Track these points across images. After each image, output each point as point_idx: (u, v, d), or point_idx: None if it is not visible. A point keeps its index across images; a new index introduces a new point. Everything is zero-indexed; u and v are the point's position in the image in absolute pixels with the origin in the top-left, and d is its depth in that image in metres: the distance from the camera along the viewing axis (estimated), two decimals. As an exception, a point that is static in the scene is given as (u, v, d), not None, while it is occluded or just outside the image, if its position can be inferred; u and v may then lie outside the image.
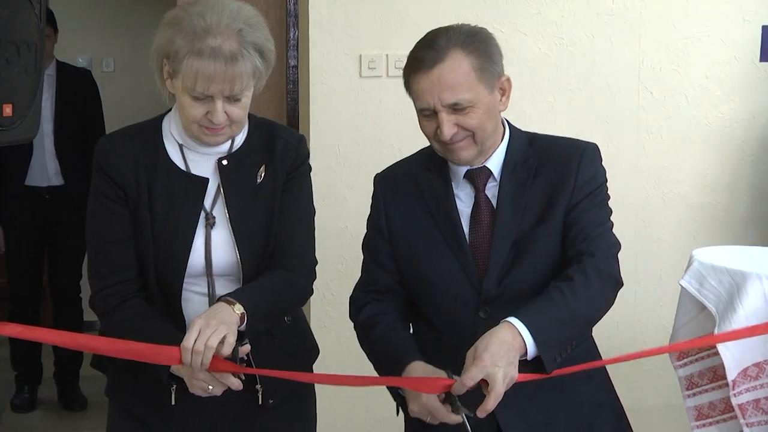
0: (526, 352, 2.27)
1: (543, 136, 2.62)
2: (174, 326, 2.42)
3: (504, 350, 2.22)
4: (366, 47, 4.27)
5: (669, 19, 4.48)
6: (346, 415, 4.33)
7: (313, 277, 2.64)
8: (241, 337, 2.33)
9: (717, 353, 2.34)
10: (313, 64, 4.25)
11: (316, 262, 2.66)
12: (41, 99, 2.87)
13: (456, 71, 2.39)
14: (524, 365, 2.30)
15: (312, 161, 4.26)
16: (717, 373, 2.44)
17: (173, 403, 2.44)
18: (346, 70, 4.27)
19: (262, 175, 2.53)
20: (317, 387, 2.74)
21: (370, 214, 2.69)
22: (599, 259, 2.40)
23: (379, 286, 2.64)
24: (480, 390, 2.32)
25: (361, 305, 2.65)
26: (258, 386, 2.51)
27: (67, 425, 5.34)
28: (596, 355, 2.63)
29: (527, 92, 4.26)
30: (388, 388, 2.56)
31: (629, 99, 4.51)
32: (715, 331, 2.32)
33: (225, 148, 2.52)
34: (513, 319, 2.28)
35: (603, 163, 2.57)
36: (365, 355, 2.63)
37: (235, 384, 2.28)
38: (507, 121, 2.60)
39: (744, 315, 2.30)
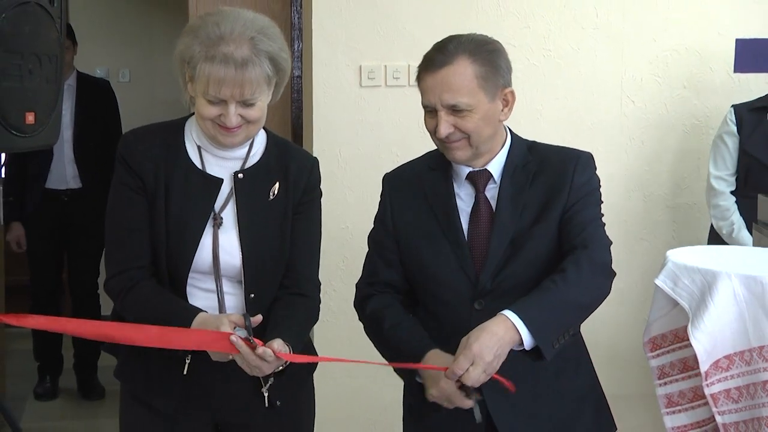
0: (521, 343, 2.29)
1: (542, 145, 2.63)
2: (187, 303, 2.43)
3: (494, 342, 2.25)
4: (366, 59, 4.28)
5: (649, 33, 4.49)
6: (348, 403, 4.35)
7: (320, 299, 2.66)
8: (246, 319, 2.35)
9: (687, 345, 2.34)
10: (316, 74, 4.26)
11: (320, 284, 2.68)
12: (61, 108, 2.88)
13: (459, 76, 2.41)
14: (524, 354, 2.33)
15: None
16: (687, 364, 2.45)
17: (185, 372, 2.45)
18: (347, 80, 4.27)
19: (276, 192, 2.53)
20: (319, 377, 2.72)
21: (377, 211, 2.70)
22: (592, 251, 2.43)
23: (380, 279, 2.66)
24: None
25: (365, 297, 2.67)
26: (264, 390, 2.50)
27: (86, 413, 5.35)
28: (582, 347, 2.65)
29: (517, 101, 4.25)
30: (400, 374, 2.58)
31: (612, 107, 4.52)
32: (689, 327, 2.33)
33: (242, 152, 2.52)
34: (507, 312, 2.30)
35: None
36: (372, 345, 2.64)
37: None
38: (509, 129, 2.62)
39: (715, 311, 2.31)
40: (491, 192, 2.53)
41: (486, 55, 2.44)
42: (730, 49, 4.53)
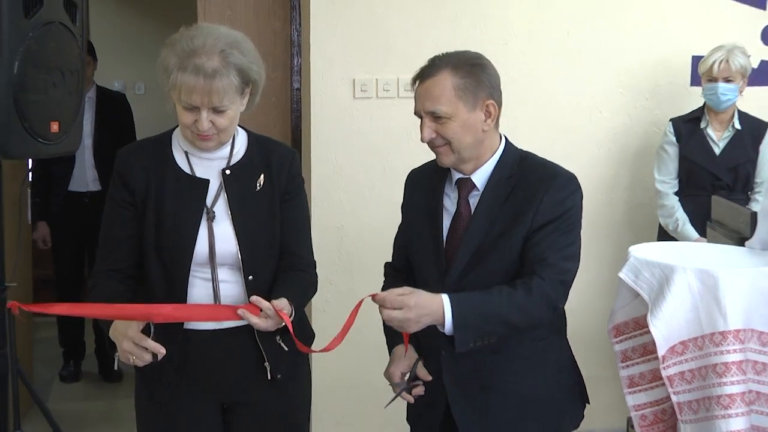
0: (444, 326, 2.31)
1: (533, 159, 2.55)
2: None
3: (425, 312, 2.28)
4: (359, 73, 4.29)
5: (615, 50, 4.52)
6: (344, 379, 4.37)
7: (317, 274, 2.70)
8: None
9: (647, 332, 2.36)
10: (313, 87, 4.27)
11: (315, 262, 2.70)
12: (83, 117, 2.88)
13: (439, 86, 2.41)
14: (445, 337, 2.34)
15: (312, 170, 4.31)
16: (647, 349, 2.46)
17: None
18: (342, 92, 4.28)
19: (261, 182, 2.55)
20: (317, 356, 2.73)
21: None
22: (547, 282, 2.37)
23: (393, 263, 2.75)
24: (436, 395, 2.47)
25: (385, 275, 2.77)
26: (266, 364, 2.53)
27: (106, 394, 5.35)
28: (549, 352, 2.58)
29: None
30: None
31: (583, 116, 4.54)
32: (648, 315, 2.34)
33: (225, 152, 2.55)
34: (445, 298, 2.31)
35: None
36: (366, 333, 2.69)
37: (155, 348, 2.31)
38: (506, 140, 2.57)
39: (672, 301, 2.32)
40: (474, 199, 2.51)
41: (468, 69, 2.43)
42: (687, 65, 4.57)
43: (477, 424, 2.51)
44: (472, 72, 2.44)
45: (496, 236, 2.45)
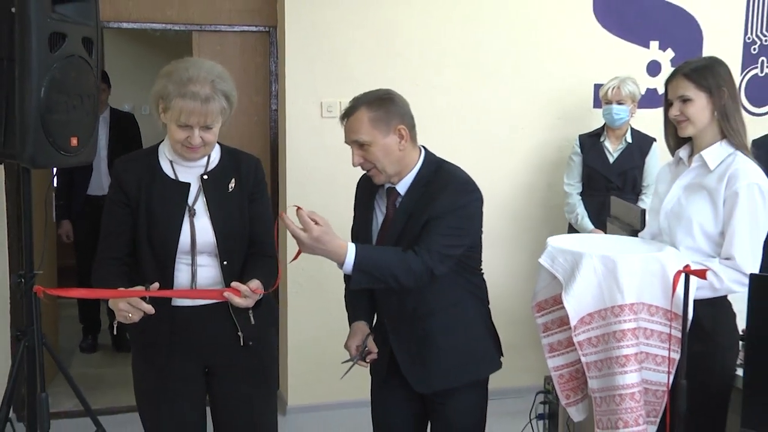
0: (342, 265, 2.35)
1: (447, 168, 2.56)
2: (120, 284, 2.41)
3: (322, 247, 2.30)
4: (325, 96, 4.28)
5: (533, 77, 4.55)
6: (315, 345, 4.34)
7: (278, 258, 2.68)
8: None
9: (563, 307, 2.38)
10: (288, 108, 4.25)
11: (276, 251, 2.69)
12: (98, 133, 2.86)
13: (357, 121, 2.46)
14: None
15: (288, 175, 4.28)
16: (563, 321, 2.47)
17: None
18: (312, 112, 4.27)
19: (233, 185, 2.55)
20: (290, 324, 2.69)
21: None
22: (431, 258, 2.40)
23: None
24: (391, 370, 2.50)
25: None
26: (239, 333, 2.54)
27: (119, 362, 5.28)
28: (464, 318, 2.59)
29: (437, 129, 4.26)
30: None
31: (507, 133, 4.56)
32: (562, 293, 2.36)
33: (203, 161, 2.54)
34: (351, 247, 2.35)
35: (473, 192, 2.51)
36: (325, 309, 2.66)
37: (148, 309, 2.29)
38: (425, 153, 2.58)
39: (581, 281, 2.34)
40: (399, 204, 2.54)
41: (378, 103, 2.47)
42: (591, 91, 4.62)
43: (416, 368, 2.56)
44: (382, 105, 2.47)
45: (411, 228, 2.48)
